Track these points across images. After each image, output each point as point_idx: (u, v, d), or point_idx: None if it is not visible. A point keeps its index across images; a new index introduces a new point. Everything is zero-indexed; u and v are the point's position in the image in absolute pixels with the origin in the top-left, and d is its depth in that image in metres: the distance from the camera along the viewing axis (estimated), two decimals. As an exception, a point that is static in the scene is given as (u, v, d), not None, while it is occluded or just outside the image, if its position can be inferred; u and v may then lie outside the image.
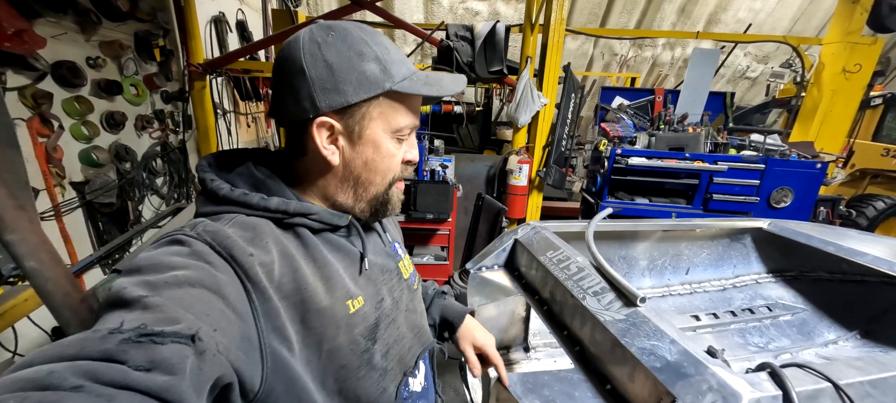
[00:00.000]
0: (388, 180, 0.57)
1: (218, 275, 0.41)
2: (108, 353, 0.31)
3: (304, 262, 0.50)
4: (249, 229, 0.48)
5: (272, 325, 0.44)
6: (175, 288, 0.38)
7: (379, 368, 0.56)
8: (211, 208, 0.50)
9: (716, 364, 0.75)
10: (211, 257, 0.43)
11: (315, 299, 0.49)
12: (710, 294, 1.80)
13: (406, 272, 0.68)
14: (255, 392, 0.42)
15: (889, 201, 4.04)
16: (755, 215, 2.82)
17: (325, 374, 0.51)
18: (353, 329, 0.53)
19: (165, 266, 0.40)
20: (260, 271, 0.45)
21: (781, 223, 1.83)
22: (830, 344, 1.57)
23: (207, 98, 2.68)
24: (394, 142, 0.56)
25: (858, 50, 2.63)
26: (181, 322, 0.35)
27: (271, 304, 0.45)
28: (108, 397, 0.28)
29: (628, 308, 0.97)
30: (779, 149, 2.67)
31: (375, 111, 0.53)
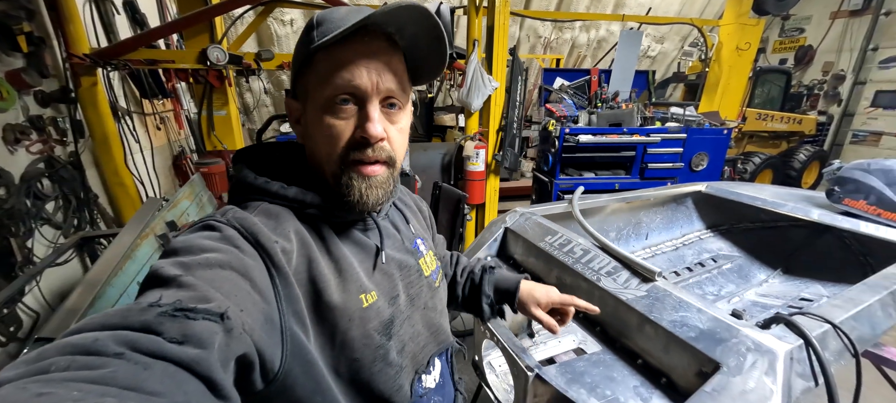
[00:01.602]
0: (335, 158, 0.51)
1: (245, 259, 0.43)
2: (146, 324, 0.33)
3: (320, 253, 0.51)
4: (273, 218, 0.50)
5: (293, 309, 0.46)
6: (207, 269, 0.40)
7: (395, 365, 0.56)
8: (238, 197, 0.53)
9: (746, 326, 0.82)
10: (239, 241, 0.44)
11: (327, 290, 0.49)
12: (667, 255, 2.01)
13: (427, 270, 0.66)
14: (275, 372, 0.43)
15: (763, 157, 4.93)
16: (680, 179, 3.23)
17: (339, 363, 0.51)
18: (367, 324, 0.52)
19: (198, 248, 0.42)
20: (283, 257, 0.46)
21: (716, 185, 2.10)
22: (763, 283, 1.87)
23: (102, 98, 2.16)
24: (329, 111, 0.50)
25: (747, 30, 3.12)
26: (212, 301, 0.37)
27: (292, 289, 0.46)
28: (145, 364, 0.30)
29: (647, 284, 1.01)
30: (696, 119, 3.05)
31: (312, 80, 0.51)
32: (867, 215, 1.52)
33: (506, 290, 0.81)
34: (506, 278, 0.84)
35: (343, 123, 0.50)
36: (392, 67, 0.52)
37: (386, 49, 0.51)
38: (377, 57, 0.50)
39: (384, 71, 0.50)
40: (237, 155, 0.58)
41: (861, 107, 6.74)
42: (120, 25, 2.73)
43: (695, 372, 0.83)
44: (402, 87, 0.53)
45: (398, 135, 0.55)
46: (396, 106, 0.54)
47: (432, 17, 0.50)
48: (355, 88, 0.49)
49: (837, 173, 1.63)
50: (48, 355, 0.29)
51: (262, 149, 0.60)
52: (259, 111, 6.05)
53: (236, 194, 0.54)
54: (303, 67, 0.52)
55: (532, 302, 0.79)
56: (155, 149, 2.91)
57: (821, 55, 7.21)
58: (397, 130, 0.55)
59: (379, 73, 0.50)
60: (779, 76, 5.63)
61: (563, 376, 0.93)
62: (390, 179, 0.55)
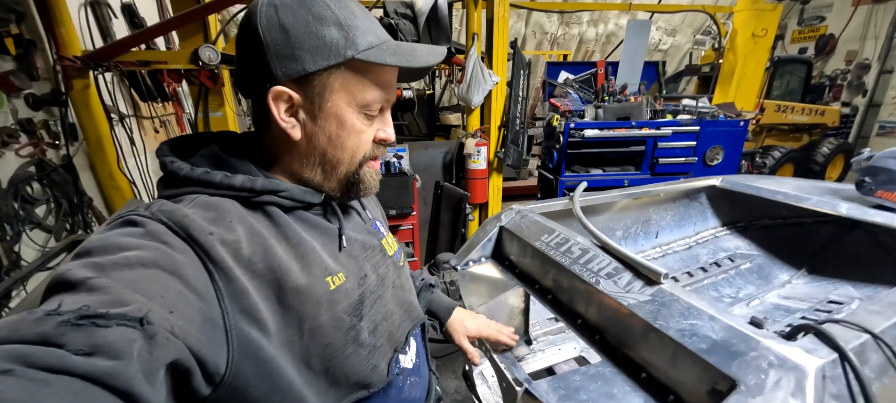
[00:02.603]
0: (358, 159, 0.55)
1: (175, 255, 0.40)
2: (43, 336, 0.29)
3: (276, 241, 0.49)
4: (212, 209, 0.46)
5: (239, 306, 0.42)
6: (125, 270, 0.36)
7: (367, 345, 0.55)
8: (171, 191, 0.48)
9: (767, 337, 0.70)
10: (167, 237, 0.41)
11: (290, 277, 0.47)
12: (679, 254, 1.87)
13: (390, 250, 0.67)
14: (221, 375, 0.40)
15: (783, 150, 4.71)
16: (693, 175, 3.07)
17: (310, 354, 0.49)
18: (336, 306, 0.51)
19: (116, 247, 0.38)
20: (222, 250, 0.43)
21: (731, 179, 1.96)
22: (786, 284, 1.72)
23: (95, 100, 2.14)
24: (361, 117, 0.53)
25: (764, 16, 2.95)
26: (130, 305, 0.33)
27: (237, 284, 0.43)
28: (43, 381, 0.27)
29: (651, 287, 0.90)
30: (709, 111, 2.89)
31: (337, 82, 0.50)
32: (904, 209, 1.37)
33: (437, 315, 0.84)
34: (441, 301, 0.87)
35: (370, 128, 0.54)
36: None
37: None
38: (396, 74, 0.57)
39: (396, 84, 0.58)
40: (165, 145, 0.52)
41: (888, 97, 6.39)
42: (119, 29, 2.73)
43: (707, 390, 0.72)
44: None
45: None
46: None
47: (443, 57, 0.56)
48: (387, 101, 0.55)
49: (868, 162, 1.48)
50: None
51: (191, 138, 0.56)
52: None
53: (167, 188, 0.49)
54: (323, 62, 0.48)
55: (460, 332, 0.84)
56: (152, 152, 2.89)
57: (843, 44, 6.88)
58: None
59: (394, 87, 0.57)
60: (799, 66, 5.37)
61: (555, 392, 0.82)
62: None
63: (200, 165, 0.50)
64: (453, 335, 0.84)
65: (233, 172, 0.50)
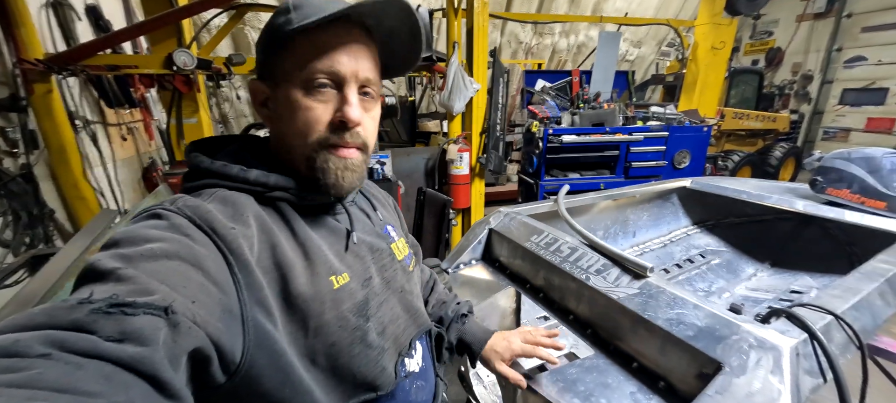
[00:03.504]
0: (312, 141, 0.52)
1: (197, 248, 0.41)
2: (77, 323, 0.30)
3: (284, 237, 0.50)
4: (230, 204, 0.48)
5: (255, 298, 0.44)
6: (150, 261, 0.37)
7: (376, 346, 0.55)
8: (192, 183, 0.51)
9: (746, 321, 0.76)
10: (190, 229, 0.42)
11: (294, 275, 0.48)
12: (655, 252, 1.97)
13: (400, 254, 0.67)
14: (237, 364, 0.41)
15: (742, 154, 5.04)
16: (664, 177, 3.23)
17: (315, 352, 0.49)
18: (340, 306, 0.51)
19: (142, 239, 0.39)
20: (243, 244, 0.44)
21: (700, 180, 2.09)
22: (752, 277, 1.85)
23: (58, 106, 2.02)
24: (308, 94, 0.51)
25: (721, 30, 3.18)
26: (155, 294, 0.35)
27: (254, 277, 0.44)
28: (77, 365, 0.28)
29: (638, 281, 0.95)
30: (676, 117, 3.07)
31: (288, 63, 0.51)
32: (851, 204, 1.52)
33: (468, 345, 0.80)
34: (474, 333, 0.81)
35: (322, 105, 0.51)
36: (369, 55, 0.53)
37: (364, 38, 0.53)
38: (357, 44, 0.52)
39: (363, 58, 0.52)
40: (191, 145, 0.56)
41: (830, 105, 7.00)
42: (82, 32, 2.59)
43: (695, 374, 0.77)
44: (376, 76, 0.55)
45: (371, 122, 0.56)
46: (370, 95, 0.55)
47: (413, 14, 0.53)
48: (335, 73, 0.50)
49: (819, 163, 1.63)
50: None
51: (218, 139, 0.59)
52: (238, 121, 5.88)
53: (190, 180, 0.51)
54: (276, 48, 0.51)
55: (496, 360, 0.78)
56: (121, 161, 2.75)
57: (789, 56, 7.49)
58: (371, 117, 0.56)
59: (357, 60, 0.51)
60: (752, 77, 5.80)
61: (554, 385, 0.85)
62: (364, 164, 0.57)
63: (220, 160, 0.52)
64: (490, 363, 0.78)
65: (249, 167, 0.51)
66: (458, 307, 0.84)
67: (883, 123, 6.23)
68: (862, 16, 6.52)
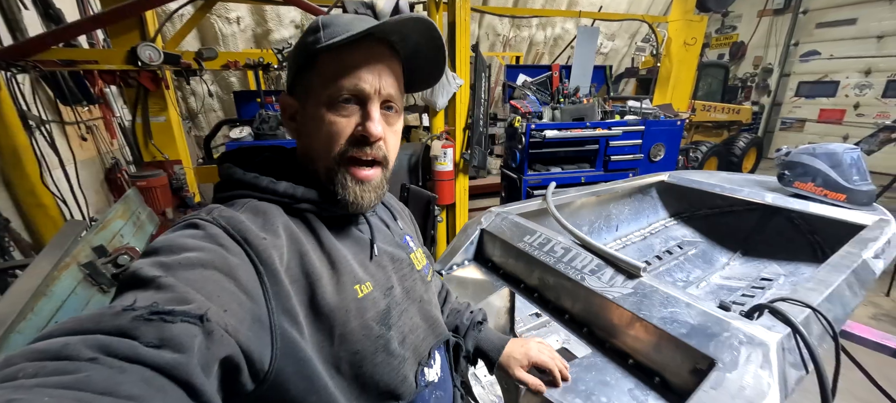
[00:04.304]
0: (333, 154, 0.54)
1: (230, 258, 0.42)
2: (121, 328, 0.32)
3: (311, 247, 0.51)
4: (260, 214, 0.50)
5: (283, 307, 0.45)
6: (188, 270, 0.39)
7: (398, 355, 0.56)
8: (225, 193, 0.53)
9: (735, 318, 0.81)
10: (224, 240, 0.44)
11: (321, 284, 0.49)
12: (636, 245, 2.05)
13: (419, 264, 0.69)
14: (265, 371, 0.42)
15: (708, 145, 5.28)
16: (641, 170, 3.35)
17: (339, 360, 0.51)
18: (364, 314, 0.53)
19: (180, 248, 0.41)
20: (274, 254, 0.46)
21: (676, 174, 2.18)
22: (726, 266, 1.95)
23: (8, 105, 1.86)
24: (332, 109, 0.53)
25: (693, 26, 3.30)
26: (192, 303, 0.36)
27: (282, 286, 0.45)
28: (120, 369, 0.30)
29: (632, 280, 0.99)
30: (652, 112, 3.18)
31: (316, 80, 0.53)
32: (815, 196, 1.62)
33: (486, 353, 0.81)
34: (491, 340, 0.82)
35: (345, 120, 0.53)
36: (393, 72, 0.55)
37: (388, 55, 0.55)
38: (380, 62, 0.53)
39: (386, 75, 0.54)
40: (223, 156, 0.58)
41: (787, 97, 7.44)
42: (30, 23, 2.37)
43: (689, 370, 0.81)
44: (399, 92, 0.57)
45: (393, 137, 0.58)
46: (393, 109, 0.56)
47: (434, 30, 0.55)
48: (360, 90, 0.52)
49: (787, 157, 1.73)
50: (14, 362, 0.29)
51: (249, 150, 0.60)
52: (206, 116, 5.60)
53: (222, 190, 0.53)
54: (304, 66, 0.54)
55: (515, 366, 0.79)
56: (81, 162, 2.56)
57: (751, 50, 7.88)
58: (393, 132, 0.57)
59: (381, 76, 0.53)
60: (718, 70, 6.07)
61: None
62: (384, 181, 0.59)
63: (252, 171, 0.54)
64: (508, 369, 0.79)
65: (278, 178, 0.54)
66: (473, 315, 0.85)
67: (834, 113, 6.70)
68: (816, 12, 6.94)
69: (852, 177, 1.52)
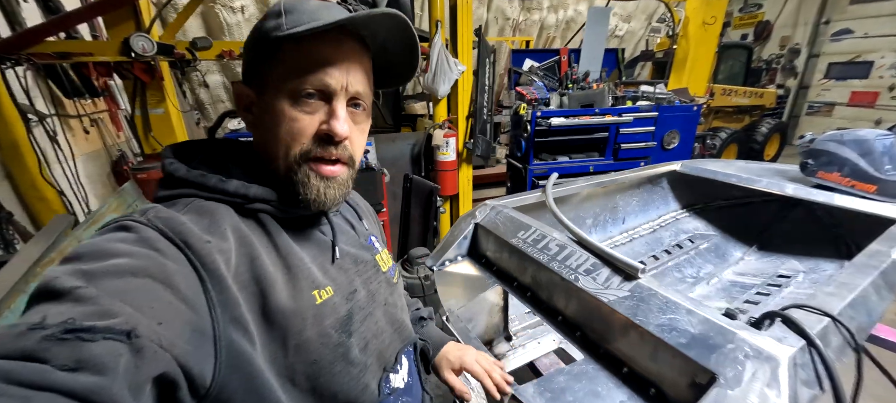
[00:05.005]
0: (294, 153, 0.50)
1: (167, 264, 0.39)
2: (26, 351, 0.29)
3: (265, 251, 0.48)
4: (206, 215, 0.46)
5: (231, 316, 0.42)
6: (114, 278, 0.35)
7: (358, 363, 0.54)
8: (166, 193, 0.48)
9: (741, 328, 0.72)
10: (160, 243, 0.40)
11: (274, 290, 0.46)
12: (644, 238, 1.95)
13: (384, 266, 0.66)
14: (207, 386, 0.39)
15: (728, 131, 5.04)
16: (653, 159, 3.20)
17: (295, 371, 0.47)
18: (323, 321, 0.50)
19: (107, 253, 0.37)
20: (218, 258, 0.42)
21: (689, 163, 2.05)
22: (740, 261, 1.84)
23: (5, 100, 1.86)
24: (293, 104, 0.49)
25: (713, 4, 3.09)
26: (117, 317, 0.33)
27: (229, 294, 0.42)
28: (24, 398, 0.26)
29: (629, 282, 0.91)
30: (666, 97, 3.01)
31: (276, 71, 0.49)
32: (841, 187, 1.49)
33: (423, 352, 0.76)
34: (431, 337, 0.79)
35: (308, 117, 0.49)
36: (362, 68, 0.52)
37: (358, 50, 0.52)
38: (349, 57, 0.50)
39: (355, 71, 0.51)
40: (169, 149, 0.53)
41: (815, 79, 7.02)
42: (30, 15, 2.37)
43: (687, 383, 0.73)
44: (368, 89, 0.54)
45: (360, 136, 0.55)
46: (361, 107, 0.54)
47: (409, 29, 0.52)
48: (326, 86, 0.49)
49: (811, 145, 1.59)
50: None
51: (200, 144, 0.56)
52: (215, 107, 5.64)
53: (164, 189, 0.49)
54: (263, 54, 0.49)
55: (444, 367, 0.76)
56: (86, 155, 2.59)
57: (778, 30, 7.44)
58: (359, 131, 0.55)
59: (349, 72, 0.50)
60: (741, 51, 5.75)
61: (541, 395, 0.81)
62: (349, 179, 0.55)
63: (198, 168, 0.49)
64: (439, 369, 0.77)
65: (229, 176, 0.49)
66: (418, 311, 0.82)
67: (866, 96, 6.29)
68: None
69: (884, 166, 1.39)
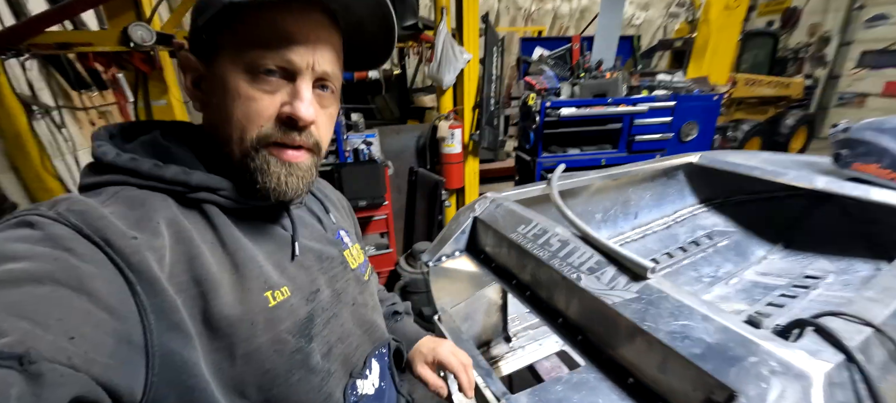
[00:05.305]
0: (250, 137, 0.45)
1: (81, 266, 0.33)
2: None
3: (208, 247, 0.43)
4: (137, 206, 0.40)
5: (168, 322, 0.37)
6: (9, 288, 0.30)
7: (320, 371, 0.49)
8: (91, 179, 0.42)
9: (766, 339, 0.63)
10: (72, 242, 0.34)
11: (218, 292, 0.41)
12: (658, 234, 1.83)
13: (354, 262, 0.61)
14: (137, 402, 0.34)
15: (751, 123, 4.80)
16: (669, 151, 3.05)
17: (244, 382, 0.43)
18: (277, 326, 0.45)
19: (2, 257, 0.31)
20: (148, 256, 0.37)
21: (708, 155, 1.92)
22: (763, 260, 1.71)
23: (7, 91, 1.86)
24: (249, 81, 0.44)
25: (737, -13, 2.91)
26: (8, 336, 0.27)
27: (165, 297, 0.37)
28: None
29: (637, 283, 0.81)
30: (684, 86, 2.86)
31: (230, 40, 0.44)
32: (879, 180, 1.35)
33: (398, 351, 0.71)
34: (405, 333, 0.75)
35: (268, 97, 0.44)
36: (332, 46, 0.48)
37: (327, 25, 0.47)
38: (317, 32, 0.45)
39: (323, 49, 0.46)
40: (105, 129, 0.46)
41: (846, 69, 6.64)
42: (36, 8, 2.38)
43: (701, 399, 0.64)
44: (337, 70, 0.49)
45: (327, 121, 0.51)
46: (328, 89, 0.49)
47: (386, 5, 0.48)
48: (289, 62, 0.44)
49: (845, 134, 1.45)
50: None
51: (145, 124, 0.50)
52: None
53: (90, 175, 0.43)
54: (215, 18, 0.43)
55: (419, 361, 0.71)
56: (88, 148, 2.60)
57: (806, 17, 7.06)
58: (327, 115, 0.50)
59: (316, 50, 0.45)
60: (766, 39, 5.46)
61: (536, 407, 0.73)
62: (314, 168, 0.51)
63: (135, 152, 0.44)
64: (412, 364, 0.73)
65: (169, 161, 0.44)
66: (394, 305, 0.78)
67: (903, 86, 5.92)
68: (887, -31, 6.07)
69: (931, 156, 1.24)
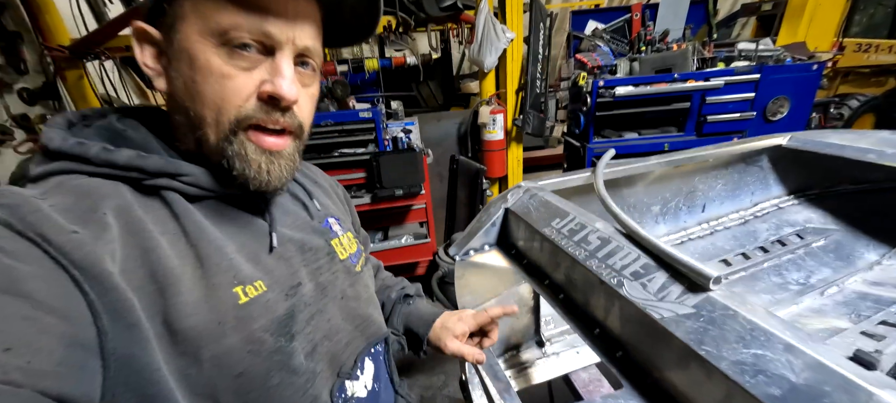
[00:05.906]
0: (228, 119, 0.41)
1: (17, 267, 0.30)
2: None
3: (167, 239, 0.39)
4: (83, 196, 0.37)
5: (124, 322, 0.33)
6: None
7: (304, 372, 0.46)
8: (39, 169, 0.39)
9: (883, 385, 0.45)
10: (3, 241, 0.31)
11: (178, 288, 0.37)
12: (731, 231, 1.56)
13: (343, 253, 0.57)
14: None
15: (862, 98, 4.00)
16: (750, 133, 2.61)
17: (216, 388, 0.39)
18: (250, 324, 0.41)
19: None
20: (97, 252, 0.34)
21: (801, 136, 1.58)
22: (875, 266, 1.37)
23: (89, 92, 2.09)
24: (221, 54, 0.39)
25: (849, -72, 2.36)
26: None
27: (119, 295, 0.33)
28: None
29: (696, 295, 0.65)
30: (773, 54, 2.41)
31: (188, 4, 0.39)
32: None
33: (415, 333, 0.69)
34: (420, 314, 0.70)
35: (244, 74, 0.40)
36: (312, 19, 0.44)
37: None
38: (296, 3, 0.42)
39: (304, 22, 0.43)
40: (63, 115, 0.43)
41: None
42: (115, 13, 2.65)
43: (780, 457, 0.49)
44: (318, 46, 0.46)
45: (308, 101, 0.47)
46: (310, 66, 0.46)
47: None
48: (267, 35, 0.40)
49: None
50: None
51: (108, 109, 0.47)
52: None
53: (38, 164, 0.39)
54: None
55: (448, 338, 0.67)
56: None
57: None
58: (308, 95, 0.47)
59: (296, 22, 0.42)
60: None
61: (559, 435, 0.62)
62: (297, 153, 0.48)
63: (87, 137, 0.40)
64: (439, 343, 0.68)
65: (124, 146, 0.40)
66: (403, 290, 0.74)
67: None
68: None
69: None
